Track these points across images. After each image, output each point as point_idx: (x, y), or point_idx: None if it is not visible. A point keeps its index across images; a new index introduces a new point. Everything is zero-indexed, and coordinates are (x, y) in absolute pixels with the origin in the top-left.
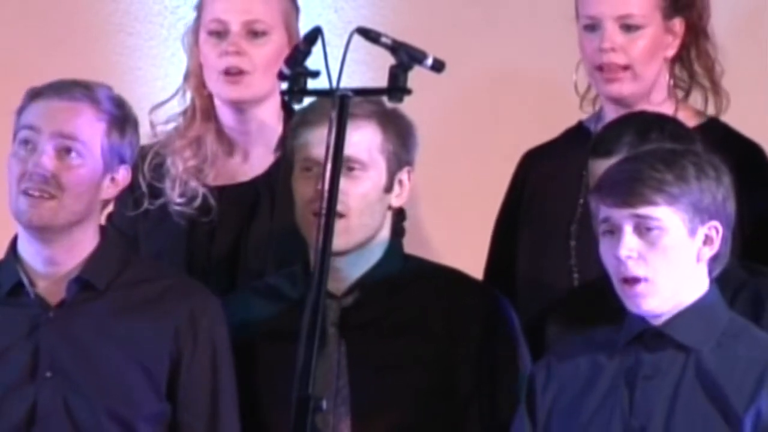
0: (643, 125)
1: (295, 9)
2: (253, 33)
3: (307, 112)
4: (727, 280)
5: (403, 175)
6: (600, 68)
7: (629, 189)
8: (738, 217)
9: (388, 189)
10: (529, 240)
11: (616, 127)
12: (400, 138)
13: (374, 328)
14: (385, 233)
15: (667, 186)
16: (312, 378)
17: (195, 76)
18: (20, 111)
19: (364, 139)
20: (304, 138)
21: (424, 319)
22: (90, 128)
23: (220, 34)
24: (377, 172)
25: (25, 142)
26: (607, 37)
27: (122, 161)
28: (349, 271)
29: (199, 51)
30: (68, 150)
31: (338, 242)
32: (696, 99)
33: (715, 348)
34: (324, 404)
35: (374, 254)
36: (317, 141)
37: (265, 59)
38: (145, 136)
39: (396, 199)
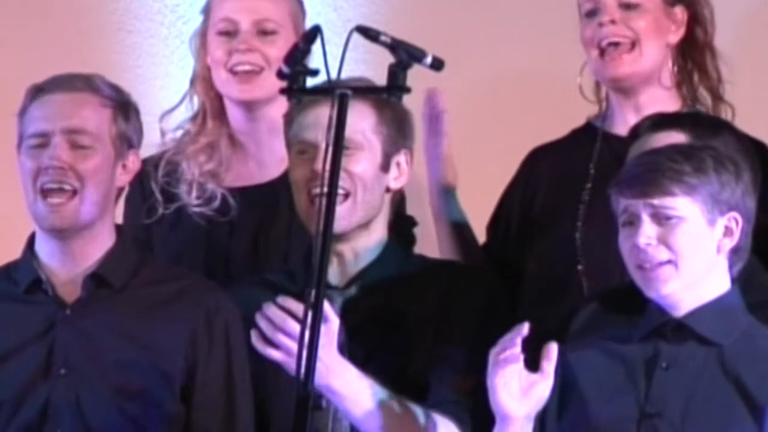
0: (667, 114)
1: (302, 12)
2: (263, 32)
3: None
4: (759, 294)
5: (400, 157)
6: (601, 50)
7: (647, 180)
8: None
9: (385, 168)
10: (537, 236)
11: (649, 115)
12: (396, 121)
13: (376, 320)
14: (383, 218)
15: (686, 177)
16: (311, 376)
17: (203, 80)
18: (23, 112)
19: (357, 120)
20: (297, 123)
21: (421, 308)
22: (97, 117)
23: (230, 33)
24: (372, 153)
25: (35, 147)
26: (607, 12)
27: (130, 146)
28: (352, 262)
29: (207, 54)
30: (80, 142)
31: (340, 224)
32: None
33: (736, 343)
34: (324, 402)
35: (376, 246)
36: (310, 123)
37: (274, 56)
38: (153, 145)
39: (394, 182)
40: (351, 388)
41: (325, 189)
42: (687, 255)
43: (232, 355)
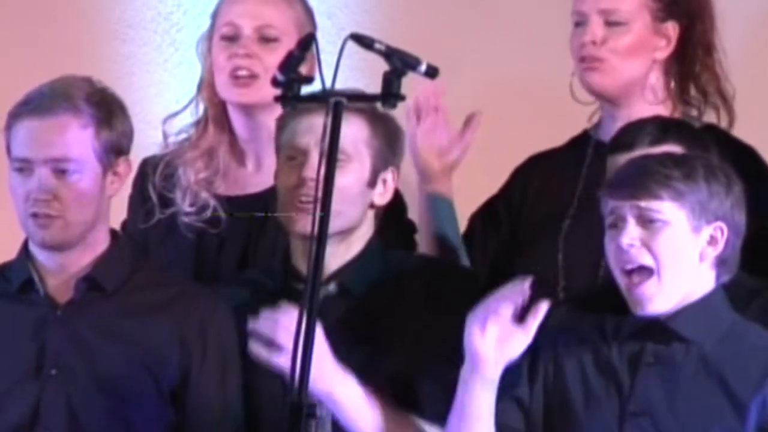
0: (662, 123)
1: (311, 22)
2: (265, 38)
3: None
4: (738, 288)
5: (387, 174)
6: (581, 59)
7: (636, 182)
8: None
9: (371, 184)
10: (524, 245)
11: (636, 123)
12: (387, 138)
13: (353, 316)
14: (365, 231)
15: (674, 182)
16: (305, 384)
17: (208, 86)
18: (8, 128)
19: (350, 131)
20: (290, 128)
21: (402, 307)
22: (79, 141)
23: (233, 38)
24: (361, 166)
25: (20, 169)
26: (589, 31)
27: (120, 153)
28: (330, 261)
29: (212, 58)
30: (65, 167)
31: (309, 228)
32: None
33: (720, 342)
34: (318, 410)
35: (353, 246)
36: (302, 130)
37: (274, 64)
38: (153, 147)
39: (379, 198)
40: (352, 398)
41: (313, 198)
42: (668, 261)
43: (226, 361)
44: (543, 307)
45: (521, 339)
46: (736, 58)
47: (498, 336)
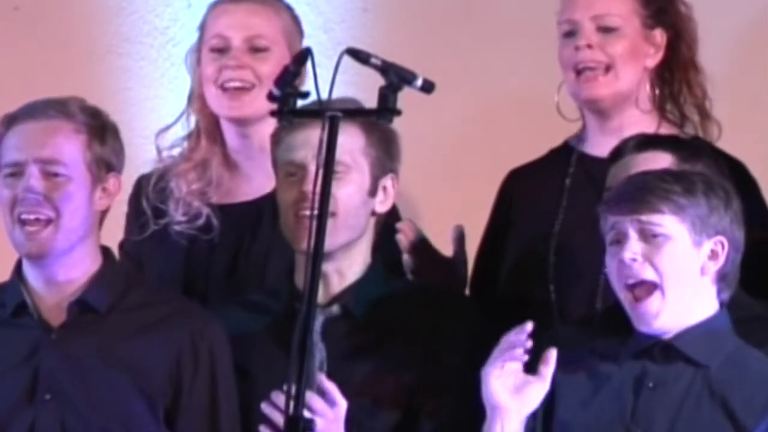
0: (650, 135)
1: (299, 31)
2: (255, 49)
3: None
4: (742, 311)
5: (387, 181)
6: (577, 72)
7: (636, 197)
8: None
9: (372, 193)
10: (511, 256)
11: (627, 138)
12: (384, 144)
13: (356, 338)
14: (367, 241)
15: (674, 195)
16: (302, 399)
17: (199, 98)
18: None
19: (347, 142)
20: (285, 143)
21: (404, 332)
22: (70, 144)
23: (222, 50)
24: (360, 175)
25: (11, 174)
26: (583, 36)
27: (110, 169)
28: (336, 282)
29: (202, 70)
30: (54, 170)
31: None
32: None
33: (724, 365)
34: (315, 425)
35: (359, 267)
36: (299, 144)
37: (266, 73)
38: (145, 165)
39: (380, 205)
40: None
41: (314, 211)
42: (671, 275)
43: (217, 379)
44: (553, 354)
45: (539, 387)
46: (719, 75)
47: (515, 386)
